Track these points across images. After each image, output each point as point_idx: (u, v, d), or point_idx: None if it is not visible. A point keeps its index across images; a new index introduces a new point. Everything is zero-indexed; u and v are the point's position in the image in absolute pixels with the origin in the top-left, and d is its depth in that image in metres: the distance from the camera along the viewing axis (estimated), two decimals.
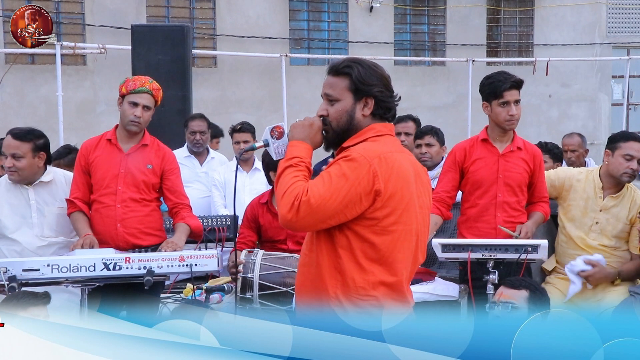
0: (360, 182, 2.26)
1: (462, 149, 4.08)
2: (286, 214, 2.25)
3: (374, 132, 2.41)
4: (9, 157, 3.91)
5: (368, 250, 2.31)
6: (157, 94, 4.02)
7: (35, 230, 3.98)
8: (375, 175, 2.27)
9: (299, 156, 2.38)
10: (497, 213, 3.95)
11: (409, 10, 13.70)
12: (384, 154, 2.32)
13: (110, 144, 4.03)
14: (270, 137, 2.51)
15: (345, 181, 2.26)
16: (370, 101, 2.41)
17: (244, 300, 3.68)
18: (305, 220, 2.25)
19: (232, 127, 5.67)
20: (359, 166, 2.27)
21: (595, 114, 14.53)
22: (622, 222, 4.01)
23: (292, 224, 2.27)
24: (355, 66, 2.41)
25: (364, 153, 2.30)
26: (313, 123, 2.43)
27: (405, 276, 2.38)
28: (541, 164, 4.06)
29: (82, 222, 3.92)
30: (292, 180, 2.30)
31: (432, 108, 13.11)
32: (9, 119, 10.82)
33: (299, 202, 2.23)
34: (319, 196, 2.24)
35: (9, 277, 3.20)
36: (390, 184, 2.30)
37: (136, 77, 4.06)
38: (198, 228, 4.07)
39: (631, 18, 14.80)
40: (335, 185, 2.26)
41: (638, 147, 3.92)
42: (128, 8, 11.96)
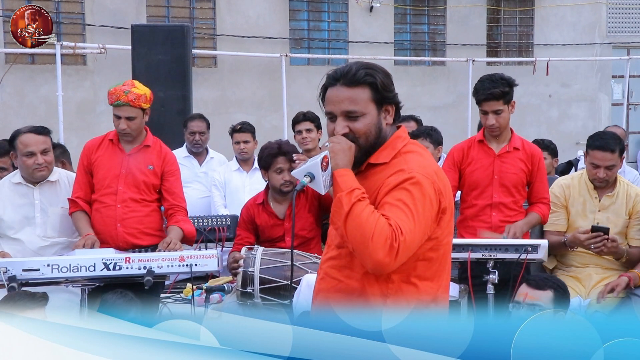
0: (432, 205, 2.16)
1: (460, 149, 4.13)
2: (383, 259, 2.04)
3: (401, 141, 2.28)
4: (39, 154, 3.91)
5: (422, 267, 2.21)
6: (138, 102, 3.91)
7: (38, 230, 3.99)
8: (441, 194, 2.19)
9: (357, 187, 2.15)
10: (493, 213, 3.99)
11: (409, 10, 13.69)
12: (436, 168, 2.24)
13: (112, 144, 4.04)
14: (321, 169, 2.20)
15: (422, 207, 2.12)
16: (391, 109, 2.27)
17: (245, 295, 3.69)
18: (401, 259, 2.09)
19: (232, 127, 5.67)
20: (427, 188, 2.14)
21: (595, 114, 14.52)
22: (622, 217, 4.05)
23: (387, 267, 2.07)
24: (375, 74, 2.22)
25: (424, 172, 2.16)
26: (351, 146, 2.20)
27: (446, 288, 2.34)
28: (540, 164, 4.07)
29: (84, 222, 3.93)
30: (373, 217, 2.07)
31: (432, 108, 13.09)
32: (9, 119, 10.81)
33: (398, 244, 2.04)
34: (410, 231, 2.07)
35: (9, 277, 3.20)
36: (448, 199, 2.23)
37: (113, 89, 3.95)
38: (191, 233, 4.05)
39: (631, 18, 14.79)
40: (416, 214, 2.10)
41: (601, 157, 3.93)
42: (128, 8, 11.95)
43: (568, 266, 4.13)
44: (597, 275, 4.03)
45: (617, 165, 4.00)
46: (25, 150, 3.91)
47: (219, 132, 7.70)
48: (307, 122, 5.30)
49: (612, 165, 3.96)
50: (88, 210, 3.98)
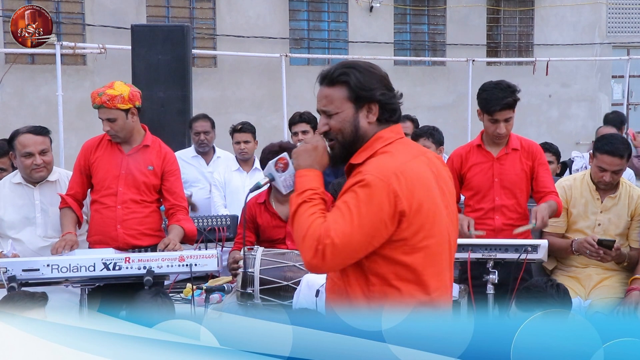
0: (382, 208, 2.07)
1: (458, 155, 4.14)
2: (310, 260, 2.07)
3: (381, 141, 2.22)
4: (37, 154, 3.92)
5: (401, 271, 2.15)
6: (112, 103, 3.82)
7: (39, 230, 4.00)
8: (397, 196, 2.08)
9: (310, 188, 2.17)
10: (496, 216, 3.99)
11: (409, 10, 13.69)
12: (400, 168, 2.12)
13: (111, 144, 4.02)
14: (275, 171, 2.32)
15: (366, 211, 2.07)
16: (374, 107, 2.22)
17: (244, 295, 3.69)
18: (333, 262, 2.08)
19: (233, 127, 5.67)
20: (377, 191, 2.07)
21: (595, 114, 14.52)
22: (624, 219, 4.05)
23: (318, 269, 2.11)
24: (351, 72, 2.20)
25: (378, 174, 2.10)
26: (317, 145, 2.23)
27: (442, 290, 2.25)
28: (541, 158, 4.07)
29: (68, 219, 3.94)
30: (310, 220, 2.10)
31: (432, 108, 13.10)
32: (9, 119, 10.82)
33: (324, 246, 2.04)
34: (342, 235, 2.05)
35: (9, 277, 3.20)
36: (415, 200, 2.11)
37: (94, 91, 3.91)
38: (192, 232, 4.05)
39: (631, 18, 14.80)
40: (356, 218, 2.06)
41: (610, 161, 3.92)
42: (128, 8, 11.96)
43: (568, 267, 4.12)
44: (597, 275, 4.02)
45: (623, 169, 4.01)
46: (23, 151, 3.91)
47: (219, 132, 7.67)
48: (303, 124, 5.30)
49: (619, 170, 3.97)
50: (75, 207, 3.98)
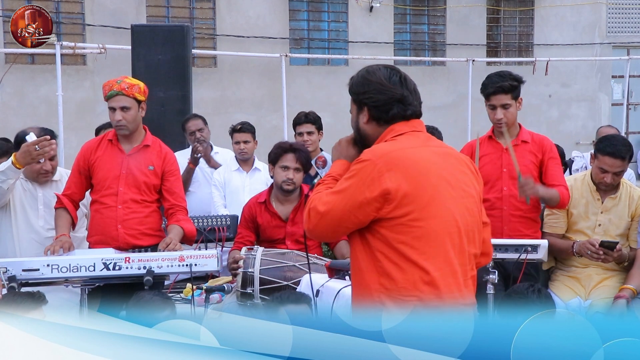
0: (364, 182, 2.26)
1: (468, 147, 4.23)
2: (305, 224, 2.38)
3: (393, 133, 2.41)
4: (47, 160, 3.99)
5: (403, 249, 2.26)
6: (131, 90, 3.89)
7: (41, 222, 4.10)
8: (381, 174, 2.25)
9: (331, 174, 2.48)
10: (504, 207, 4.03)
11: (409, 10, 13.69)
12: (394, 152, 2.30)
13: (111, 144, 4.03)
14: (316, 167, 2.60)
15: (350, 184, 2.29)
16: (365, 109, 2.45)
17: (245, 295, 3.69)
18: (319, 228, 2.34)
19: (232, 127, 5.66)
20: (364, 167, 2.28)
21: (595, 114, 14.52)
22: (625, 219, 4.05)
23: (309, 233, 2.39)
24: (353, 78, 2.50)
25: (371, 154, 2.31)
26: (340, 141, 2.57)
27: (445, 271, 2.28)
28: (552, 152, 4.08)
29: (63, 220, 3.94)
30: (313, 194, 2.40)
31: (432, 108, 13.08)
32: (9, 119, 10.82)
33: (312, 213, 2.32)
34: (325, 202, 2.31)
35: (9, 277, 3.20)
36: (404, 182, 2.25)
37: (106, 82, 3.97)
38: (191, 232, 4.05)
39: (631, 18, 14.80)
40: (341, 190, 2.31)
41: (612, 163, 3.92)
42: (128, 8, 11.96)
43: (568, 267, 4.12)
44: (597, 275, 4.02)
45: (624, 170, 4.01)
46: None
47: (219, 132, 7.70)
48: (308, 124, 5.27)
49: (621, 171, 3.97)
50: (70, 208, 3.98)
